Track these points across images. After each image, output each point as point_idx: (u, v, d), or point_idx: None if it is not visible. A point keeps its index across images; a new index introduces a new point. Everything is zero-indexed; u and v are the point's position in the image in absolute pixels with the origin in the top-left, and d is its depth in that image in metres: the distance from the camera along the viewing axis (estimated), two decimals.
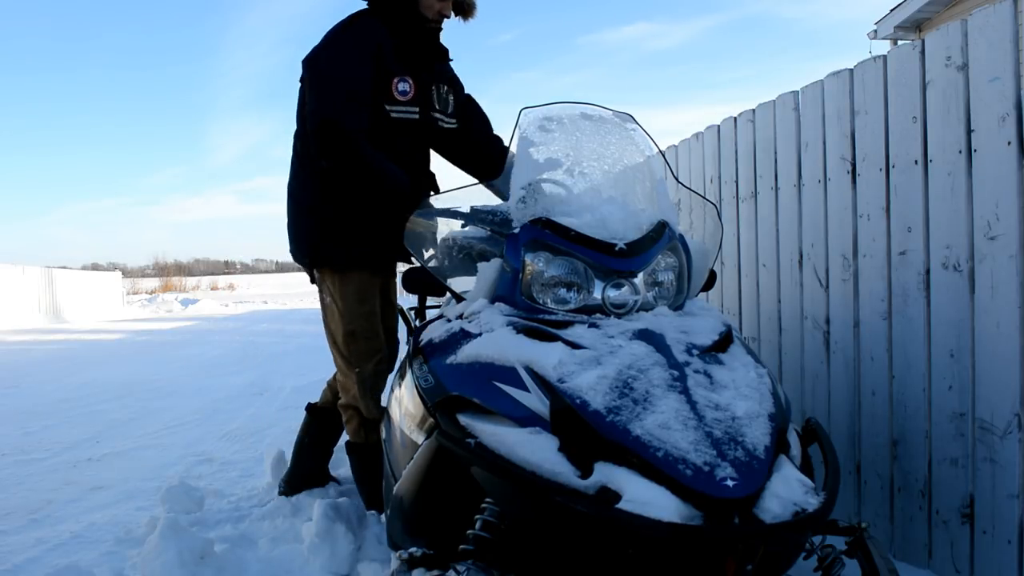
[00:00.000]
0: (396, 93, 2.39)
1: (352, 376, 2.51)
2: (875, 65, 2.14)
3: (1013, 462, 1.77)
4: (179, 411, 5.14)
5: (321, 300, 2.58)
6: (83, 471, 3.61)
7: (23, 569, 2.37)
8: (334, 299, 2.50)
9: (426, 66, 2.48)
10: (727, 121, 2.97)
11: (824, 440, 1.62)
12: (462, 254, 2.00)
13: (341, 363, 2.54)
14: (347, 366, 2.51)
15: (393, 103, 2.39)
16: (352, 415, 2.58)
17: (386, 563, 2.12)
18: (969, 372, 1.88)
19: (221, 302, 24.41)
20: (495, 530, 1.45)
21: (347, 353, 2.50)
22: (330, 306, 2.53)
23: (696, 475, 1.21)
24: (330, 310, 2.54)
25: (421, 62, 2.47)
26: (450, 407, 1.55)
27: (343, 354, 2.51)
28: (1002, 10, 1.74)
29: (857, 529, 1.54)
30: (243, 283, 53.13)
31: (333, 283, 2.50)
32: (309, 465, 2.87)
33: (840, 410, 2.36)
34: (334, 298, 2.50)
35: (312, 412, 2.88)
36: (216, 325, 14.50)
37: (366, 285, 2.49)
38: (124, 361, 8.41)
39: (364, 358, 2.48)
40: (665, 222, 1.76)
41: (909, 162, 2.04)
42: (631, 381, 1.38)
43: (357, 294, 2.47)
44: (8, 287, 15.14)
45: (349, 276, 2.48)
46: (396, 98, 2.39)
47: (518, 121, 1.90)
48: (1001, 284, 1.77)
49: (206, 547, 2.20)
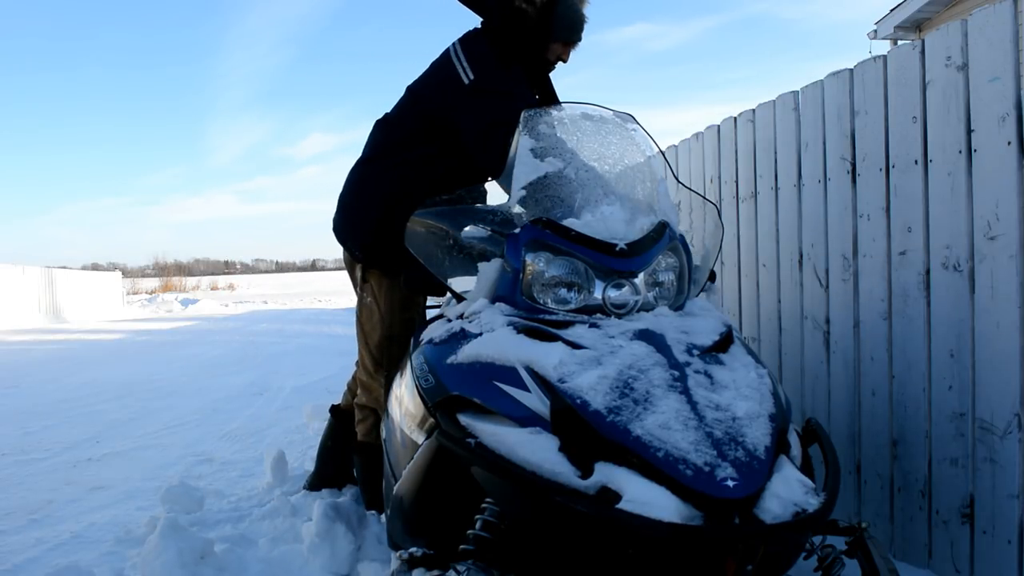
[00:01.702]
0: None
1: (380, 379, 2.47)
2: (875, 65, 2.14)
3: (1013, 462, 1.77)
4: (179, 411, 5.14)
5: (360, 298, 2.52)
6: (83, 471, 3.61)
7: (23, 569, 2.37)
8: (376, 301, 2.46)
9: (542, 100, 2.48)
10: (727, 121, 2.97)
11: (824, 440, 1.62)
12: (462, 254, 2.00)
13: (370, 365, 2.51)
14: (376, 369, 2.48)
15: None
16: (367, 415, 2.56)
17: (386, 563, 2.12)
18: (969, 372, 1.88)
19: (221, 302, 24.42)
20: (495, 530, 1.45)
21: (379, 356, 2.46)
22: (370, 306, 2.48)
23: (696, 475, 1.21)
24: (369, 310, 2.49)
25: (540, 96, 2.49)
26: (450, 407, 1.55)
27: (375, 356, 2.48)
28: (1002, 10, 1.74)
29: (857, 529, 1.54)
30: (243, 283, 53.12)
31: (379, 285, 2.46)
32: (332, 467, 2.85)
33: (840, 410, 2.36)
34: (376, 300, 2.46)
35: (336, 415, 2.85)
36: (216, 325, 14.49)
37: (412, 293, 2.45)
38: (124, 361, 8.41)
39: (396, 364, 2.41)
40: (666, 222, 1.76)
41: (909, 162, 2.04)
42: (631, 381, 1.38)
43: (403, 300, 2.43)
44: (8, 287, 15.14)
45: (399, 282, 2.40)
46: None
47: (519, 121, 1.90)
48: (1001, 284, 1.77)
49: (206, 547, 2.20)
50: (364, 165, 2.52)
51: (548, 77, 2.57)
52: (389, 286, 2.44)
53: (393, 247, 2.31)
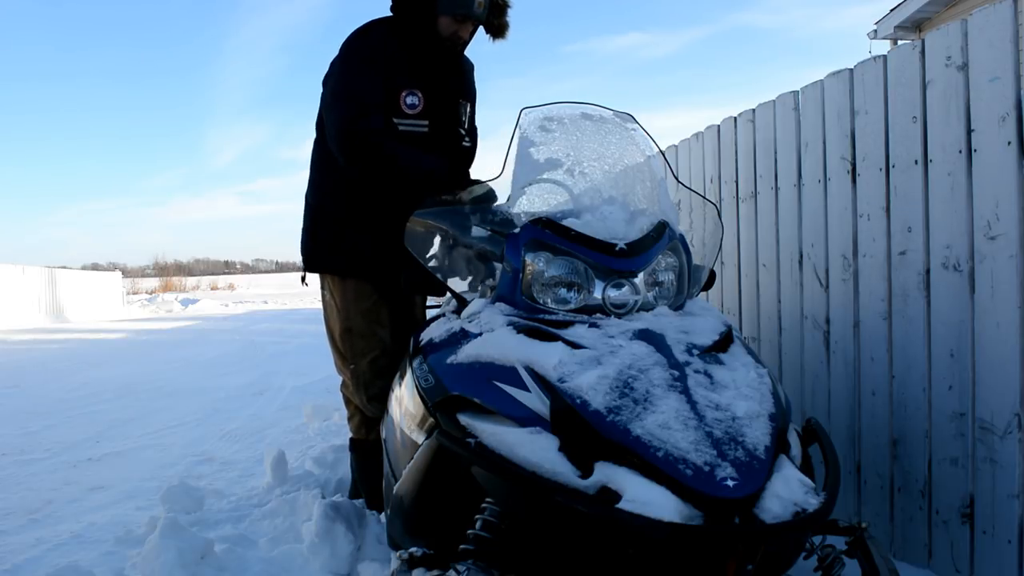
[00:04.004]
0: (404, 106, 2.36)
1: (347, 372, 2.55)
2: (875, 65, 2.14)
3: (1013, 462, 1.77)
4: (179, 411, 5.14)
5: (322, 298, 2.62)
6: (83, 471, 3.61)
7: (23, 569, 2.37)
8: (333, 296, 2.54)
9: (443, 81, 2.44)
10: (727, 121, 2.96)
11: (824, 440, 1.62)
12: (462, 254, 2.00)
13: (337, 359, 2.59)
14: (342, 362, 2.56)
15: (401, 116, 2.36)
16: (355, 411, 2.62)
17: (386, 563, 2.12)
18: (969, 372, 1.88)
19: (221, 302, 24.41)
20: (495, 530, 1.45)
21: (343, 349, 2.53)
22: (329, 302, 2.57)
23: (696, 475, 1.21)
24: (329, 306, 2.57)
25: (437, 77, 2.43)
26: (450, 407, 1.55)
27: (339, 350, 2.55)
28: (1002, 10, 1.74)
29: (857, 529, 1.54)
30: (243, 283, 53.11)
31: (333, 282, 2.54)
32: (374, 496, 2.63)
33: (840, 410, 2.36)
34: (333, 295, 2.54)
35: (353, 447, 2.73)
36: (216, 325, 14.49)
37: (364, 286, 2.50)
38: (124, 361, 8.41)
39: (359, 354, 2.49)
40: (665, 222, 1.76)
41: (909, 162, 2.04)
42: (631, 381, 1.38)
43: (356, 292, 2.49)
44: (9, 287, 15.15)
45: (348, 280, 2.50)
46: (404, 111, 2.36)
47: (519, 121, 1.90)
48: (1001, 284, 1.77)
49: (206, 547, 2.20)
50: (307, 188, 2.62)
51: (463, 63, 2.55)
52: (340, 281, 2.51)
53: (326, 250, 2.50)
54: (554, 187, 1.91)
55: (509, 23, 2.50)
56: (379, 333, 2.49)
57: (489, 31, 2.49)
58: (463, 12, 2.33)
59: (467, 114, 2.56)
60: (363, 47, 2.36)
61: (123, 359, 8.62)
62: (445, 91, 2.45)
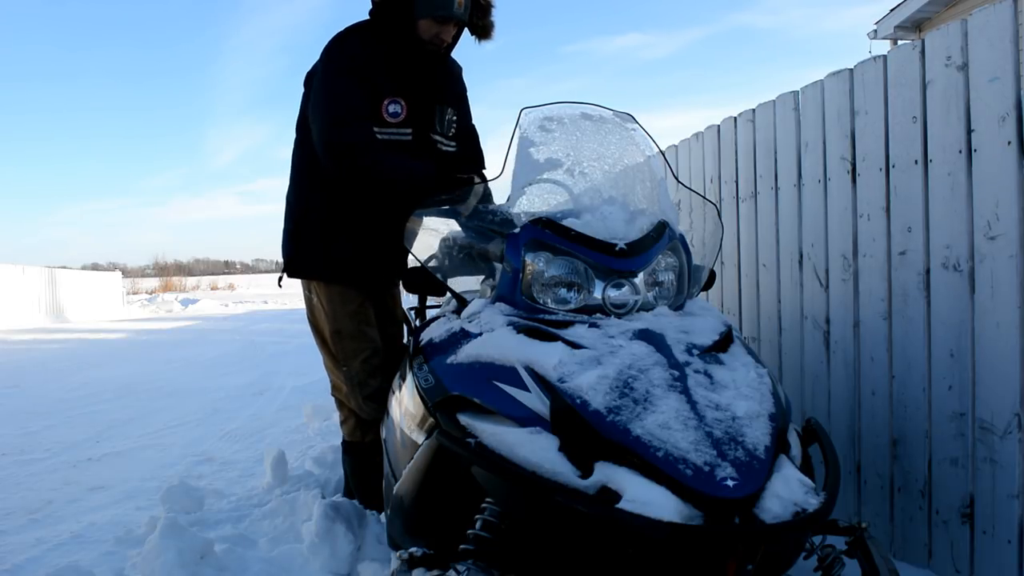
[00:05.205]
0: (386, 115, 2.32)
1: (340, 374, 2.51)
2: (875, 65, 2.14)
3: (1013, 462, 1.77)
4: (179, 411, 5.14)
5: (307, 299, 2.57)
6: (83, 471, 3.61)
7: (23, 569, 2.37)
8: (320, 300, 2.50)
9: (425, 86, 2.40)
10: (727, 121, 2.96)
11: (824, 440, 1.62)
12: (462, 254, 2.00)
13: (329, 361, 2.56)
14: (334, 364, 2.53)
15: (383, 125, 2.31)
16: (348, 414, 2.59)
17: (386, 563, 2.12)
18: (969, 372, 1.88)
19: (221, 302, 24.41)
20: (495, 530, 1.45)
21: (334, 351, 2.50)
22: (316, 305, 2.53)
23: (696, 475, 1.21)
24: (316, 309, 2.54)
25: (419, 82, 2.38)
26: (450, 407, 1.55)
27: (331, 352, 2.52)
28: (1002, 10, 1.74)
29: (857, 529, 1.54)
30: (243, 283, 53.10)
31: (318, 286, 2.50)
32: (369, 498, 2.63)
33: (840, 410, 2.36)
34: (320, 299, 2.50)
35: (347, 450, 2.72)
36: (216, 325, 14.50)
37: (348, 289, 2.47)
38: (124, 361, 8.41)
39: (351, 356, 2.47)
40: (665, 222, 1.76)
41: (909, 162, 2.04)
42: (631, 381, 1.37)
43: (341, 295, 2.46)
44: (9, 287, 15.16)
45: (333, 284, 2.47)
46: (386, 120, 2.32)
47: (518, 121, 1.90)
48: (1001, 284, 1.77)
49: (206, 547, 2.20)
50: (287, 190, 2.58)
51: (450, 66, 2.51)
52: (324, 285, 2.48)
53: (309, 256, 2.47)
54: (554, 187, 1.91)
55: (494, 23, 2.45)
56: (368, 333, 2.48)
57: (474, 32, 2.43)
58: (443, 14, 2.27)
59: (449, 119, 2.50)
60: (342, 56, 2.31)
61: (123, 359, 8.62)
62: (429, 97, 2.42)
